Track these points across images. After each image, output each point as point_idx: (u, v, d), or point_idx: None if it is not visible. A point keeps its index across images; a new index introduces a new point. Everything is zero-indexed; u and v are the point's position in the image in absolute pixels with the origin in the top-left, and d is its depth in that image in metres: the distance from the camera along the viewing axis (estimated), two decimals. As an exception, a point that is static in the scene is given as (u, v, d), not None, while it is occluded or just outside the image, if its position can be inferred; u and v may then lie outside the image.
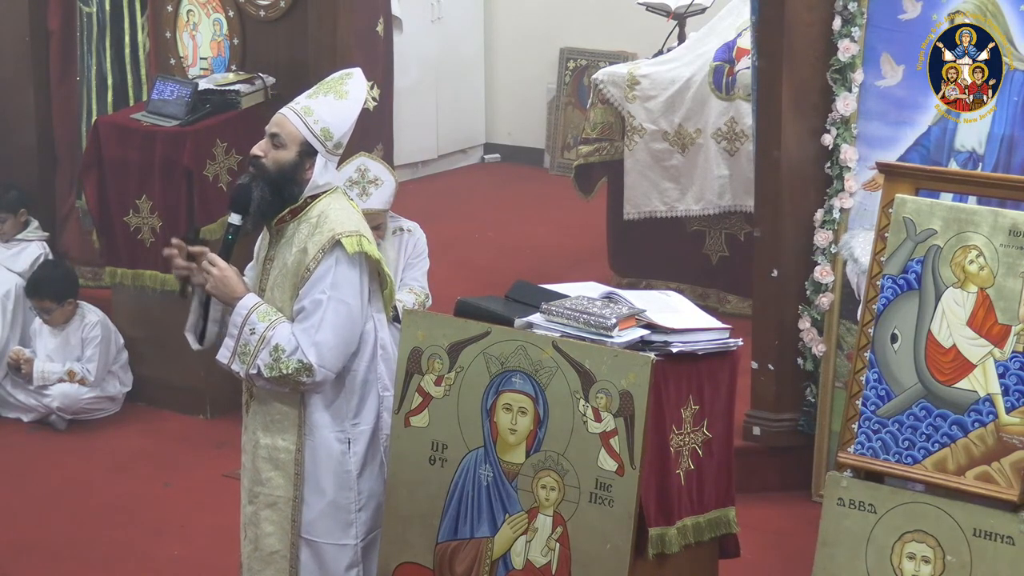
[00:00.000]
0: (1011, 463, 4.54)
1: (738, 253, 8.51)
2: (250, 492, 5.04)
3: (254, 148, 4.89)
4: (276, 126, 4.88)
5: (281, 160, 4.84)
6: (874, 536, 4.68)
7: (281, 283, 4.90)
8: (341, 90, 4.94)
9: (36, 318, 7.93)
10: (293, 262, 4.86)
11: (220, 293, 4.91)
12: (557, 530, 4.64)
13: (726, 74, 8.45)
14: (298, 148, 4.85)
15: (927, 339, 4.68)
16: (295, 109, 4.89)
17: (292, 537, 4.97)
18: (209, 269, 4.90)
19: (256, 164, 4.87)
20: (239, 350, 4.86)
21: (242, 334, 4.85)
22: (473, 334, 4.75)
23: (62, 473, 7.23)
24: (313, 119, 4.86)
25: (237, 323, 4.86)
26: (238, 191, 4.89)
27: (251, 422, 5.03)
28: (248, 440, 5.06)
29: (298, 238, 4.87)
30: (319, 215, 4.87)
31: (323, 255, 4.80)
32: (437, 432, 4.81)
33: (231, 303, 4.89)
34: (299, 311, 4.83)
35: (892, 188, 4.87)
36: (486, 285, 5.22)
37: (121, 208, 7.71)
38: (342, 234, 4.81)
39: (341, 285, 4.81)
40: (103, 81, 8.49)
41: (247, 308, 4.86)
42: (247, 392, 5.05)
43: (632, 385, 4.49)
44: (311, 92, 4.96)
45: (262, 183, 4.85)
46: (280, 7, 7.74)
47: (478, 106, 12.05)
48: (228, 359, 4.90)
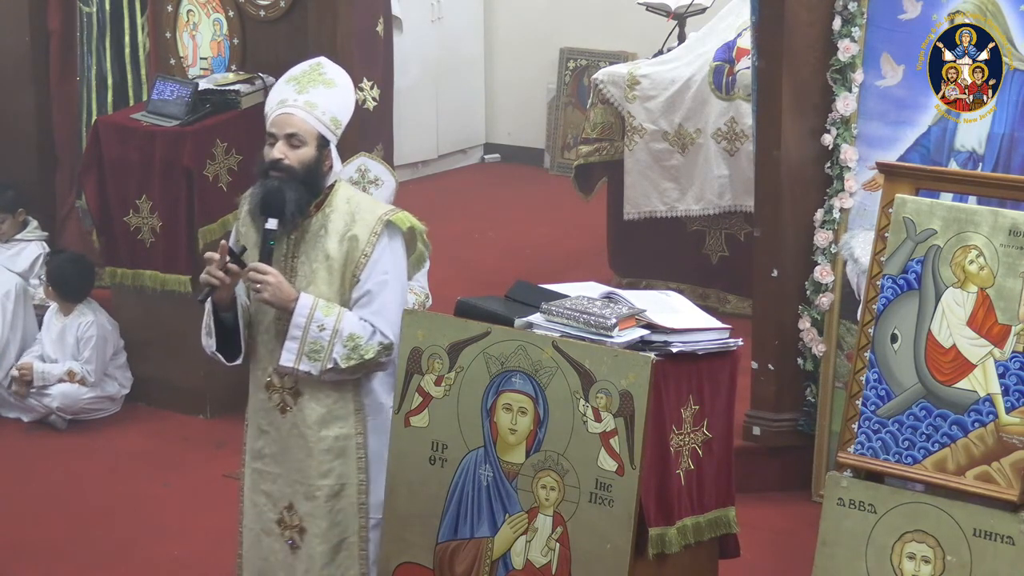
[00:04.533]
0: (1011, 463, 4.55)
1: (738, 253, 8.51)
2: (306, 490, 5.03)
3: (272, 152, 4.89)
4: (290, 126, 4.89)
5: (305, 158, 4.90)
6: (874, 536, 4.69)
7: (325, 275, 4.94)
8: (326, 80, 4.99)
9: (45, 315, 7.93)
10: (342, 251, 4.92)
11: (277, 300, 4.90)
12: (557, 530, 4.64)
13: (726, 74, 8.45)
14: (315, 143, 4.91)
15: (927, 339, 4.68)
16: (297, 105, 4.90)
17: (362, 521, 5.03)
18: (263, 279, 4.87)
19: (282, 167, 4.88)
20: (307, 350, 4.89)
21: (308, 333, 4.88)
22: (473, 334, 4.75)
23: (62, 473, 7.23)
24: (320, 111, 4.91)
25: (300, 324, 4.88)
26: (271, 195, 4.88)
27: (298, 421, 5.02)
28: (291, 441, 5.04)
29: (333, 228, 4.94)
30: (347, 201, 4.97)
31: (376, 238, 4.91)
32: (437, 432, 4.81)
33: (287, 307, 4.89)
34: (364, 294, 4.91)
35: (892, 188, 4.87)
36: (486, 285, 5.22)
37: (121, 208, 7.71)
38: (387, 214, 4.96)
39: (398, 263, 4.98)
40: (103, 81, 8.49)
41: (308, 307, 4.89)
42: (284, 395, 5.03)
43: (632, 385, 4.49)
44: (296, 88, 4.95)
45: (294, 183, 4.89)
46: (280, 7, 7.74)
47: (478, 106, 12.05)
48: (294, 361, 4.91)
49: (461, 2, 11.79)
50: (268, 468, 5.10)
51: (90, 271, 7.94)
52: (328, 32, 7.59)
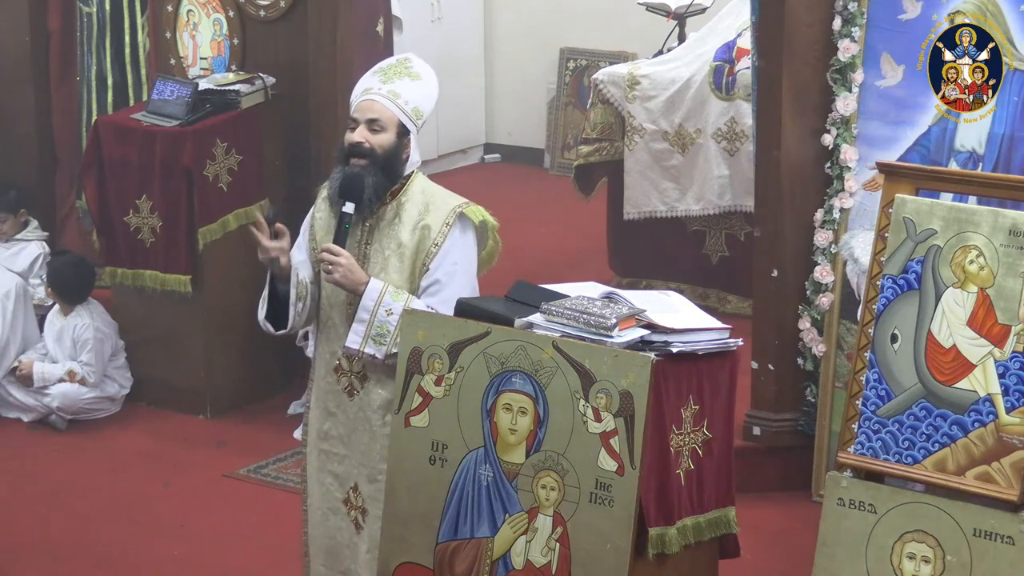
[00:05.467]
0: (1011, 463, 4.54)
1: (738, 253, 8.51)
2: (369, 473, 5.12)
3: (353, 136, 4.98)
4: (372, 112, 4.98)
5: (385, 143, 4.99)
6: (874, 536, 4.68)
7: (396, 263, 5.02)
8: (412, 73, 5.08)
9: (47, 315, 7.94)
10: (414, 240, 5.00)
11: (348, 282, 4.99)
12: (557, 530, 4.64)
13: (726, 74, 8.45)
14: (396, 130, 4.99)
15: (927, 339, 4.68)
16: (381, 93, 5.00)
17: None
18: (335, 260, 4.97)
19: (362, 151, 4.97)
20: (373, 333, 4.98)
21: (376, 317, 4.97)
22: (473, 334, 4.75)
23: (62, 473, 7.24)
24: (403, 100, 5.01)
25: (368, 307, 4.97)
26: (350, 180, 4.97)
27: (364, 405, 5.11)
28: (357, 424, 5.12)
29: (407, 217, 5.02)
30: (422, 192, 5.06)
31: (448, 228, 5.00)
32: (437, 432, 4.81)
33: (357, 290, 4.98)
34: (432, 283, 4.99)
35: (892, 188, 4.87)
36: (486, 285, 5.22)
37: (121, 208, 7.71)
38: (461, 206, 5.04)
39: (468, 254, 5.07)
40: (103, 81, 8.50)
41: (378, 291, 4.97)
42: (352, 378, 5.12)
43: (632, 385, 4.49)
44: (381, 78, 5.05)
45: (374, 168, 4.97)
46: (280, 7, 7.74)
47: (478, 106, 12.06)
48: (360, 344, 5.00)
49: (461, 2, 11.80)
50: (335, 449, 5.20)
51: (90, 273, 7.95)
52: (328, 32, 7.60)
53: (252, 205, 7.64)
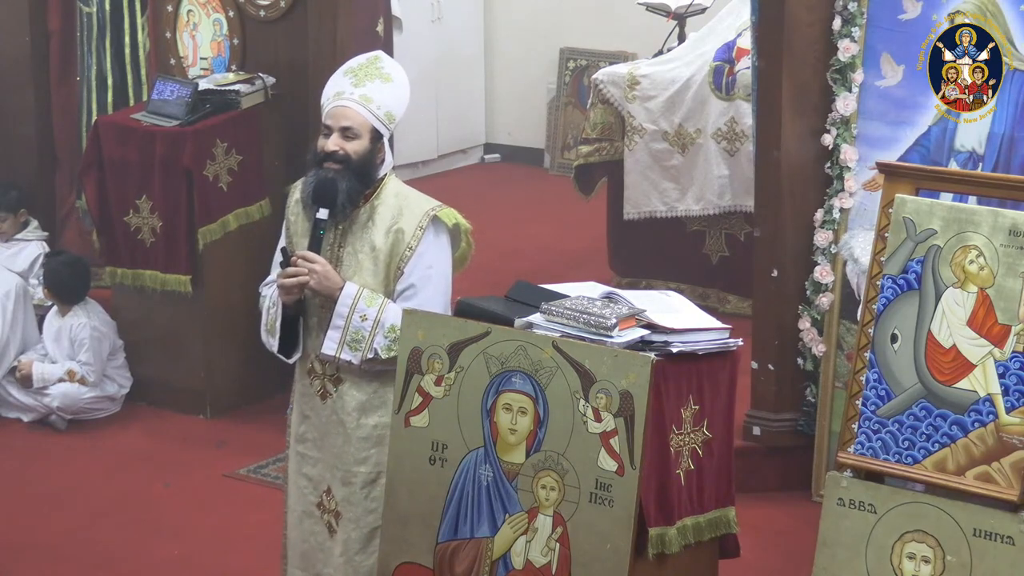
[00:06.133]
0: (1011, 463, 4.54)
1: (738, 253, 8.51)
2: (343, 476, 5.11)
3: (327, 144, 4.98)
4: (346, 119, 4.98)
5: (359, 149, 4.99)
6: (874, 536, 4.68)
7: (370, 266, 5.02)
8: (383, 74, 5.07)
9: (47, 315, 7.93)
10: (388, 244, 5.00)
11: (324, 287, 4.99)
12: (557, 530, 4.64)
13: (726, 74, 8.45)
14: (369, 135, 5.00)
15: (927, 339, 4.68)
16: (353, 99, 4.99)
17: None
18: (310, 267, 4.97)
19: (337, 158, 4.97)
20: (348, 339, 4.98)
21: (350, 323, 4.97)
22: (473, 334, 4.75)
23: (62, 473, 7.23)
24: (375, 105, 5.01)
25: (343, 313, 4.97)
26: (324, 185, 4.97)
27: (337, 408, 5.10)
28: (330, 427, 5.11)
29: (380, 220, 5.02)
30: (395, 195, 5.06)
31: (422, 232, 5.00)
32: (437, 432, 4.80)
33: (332, 295, 4.98)
34: (408, 287, 4.99)
35: (892, 188, 4.87)
36: (486, 285, 5.22)
37: (121, 208, 7.71)
38: (434, 209, 5.04)
39: (442, 258, 5.06)
40: (103, 81, 8.49)
41: (352, 297, 4.98)
42: (325, 382, 5.11)
43: (632, 385, 4.49)
44: (352, 81, 5.04)
45: (348, 174, 4.97)
46: (280, 7, 7.74)
47: (478, 106, 12.05)
48: (335, 350, 5.00)
49: (461, 2, 11.79)
50: (309, 452, 5.19)
51: (86, 273, 7.94)
52: (328, 32, 7.60)
53: (252, 205, 7.65)
